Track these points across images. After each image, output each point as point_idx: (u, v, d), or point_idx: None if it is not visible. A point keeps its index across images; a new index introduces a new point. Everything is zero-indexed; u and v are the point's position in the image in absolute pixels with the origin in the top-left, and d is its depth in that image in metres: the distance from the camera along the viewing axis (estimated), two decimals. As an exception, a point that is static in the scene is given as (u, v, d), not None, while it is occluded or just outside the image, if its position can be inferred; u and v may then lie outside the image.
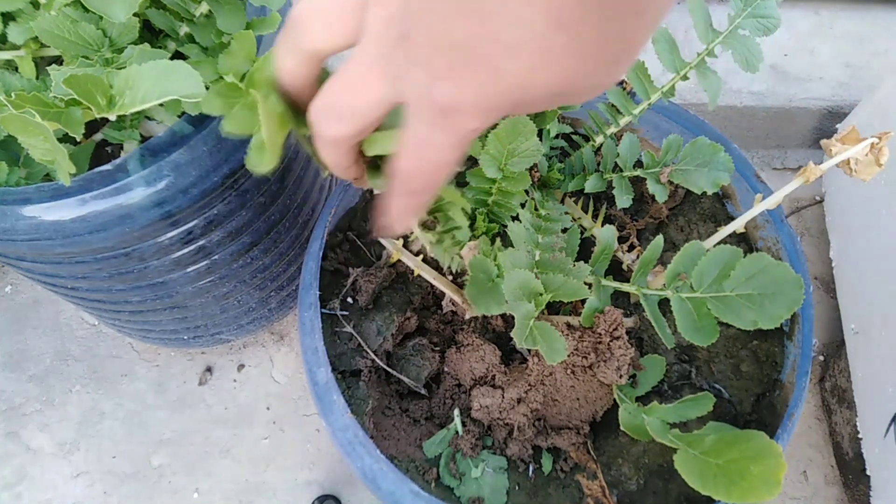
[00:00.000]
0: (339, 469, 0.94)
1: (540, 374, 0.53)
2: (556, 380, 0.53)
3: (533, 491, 0.54)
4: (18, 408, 0.99)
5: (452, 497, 0.53)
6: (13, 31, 0.53)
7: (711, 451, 0.41)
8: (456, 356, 0.57)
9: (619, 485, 0.54)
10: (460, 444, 0.55)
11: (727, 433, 0.42)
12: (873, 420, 0.82)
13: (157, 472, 0.95)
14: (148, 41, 0.58)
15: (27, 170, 0.57)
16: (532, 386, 0.54)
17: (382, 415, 0.56)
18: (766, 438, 0.39)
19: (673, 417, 0.48)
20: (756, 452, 0.38)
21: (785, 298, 0.41)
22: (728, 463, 0.39)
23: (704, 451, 0.41)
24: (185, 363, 1.02)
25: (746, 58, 0.53)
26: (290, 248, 0.83)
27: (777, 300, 0.42)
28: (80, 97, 0.41)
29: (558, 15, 0.21)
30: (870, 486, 0.84)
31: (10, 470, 0.95)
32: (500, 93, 0.24)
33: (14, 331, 1.05)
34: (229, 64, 0.54)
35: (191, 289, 0.75)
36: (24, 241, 0.57)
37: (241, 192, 0.65)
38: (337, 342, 0.59)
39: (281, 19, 0.57)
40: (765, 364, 0.58)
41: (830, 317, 1.05)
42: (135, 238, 0.60)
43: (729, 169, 0.54)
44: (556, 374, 0.53)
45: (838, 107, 1.10)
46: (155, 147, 0.56)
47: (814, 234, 1.13)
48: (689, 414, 0.47)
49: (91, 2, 0.49)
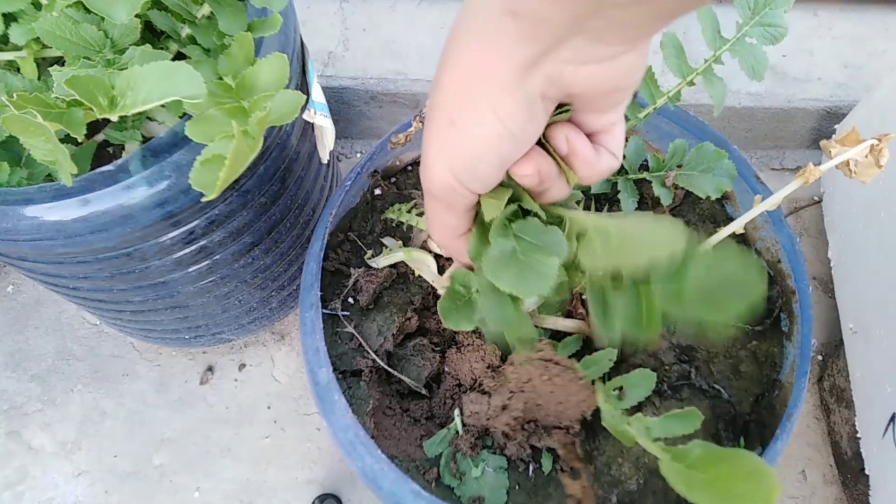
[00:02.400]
0: (340, 468, 0.95)
1: (518, 382, 0.53)
2: (534, 386, 0.53)
3: (533, 490, 0.54)
4: (20, 407, 1.00)
5: (453, 497, 0.54)
6: (15, 32, 0.53)
7: (698, 465, 0.38)
8: (456, 356, 0.57)
9: (618, 484, 0.54)
10: (460, 443, 0.55)
11: (714, 450, 0.39)
12: (872, 419, 0.83)
13: (158, 472, 0.95)
14: (149, 42, 0.58)
15: (29, 170, 0.57)
16: (513, 393, 0.54)
17: (383, 414, 0.57)
18: (757, 459, 0.37)
19: (659, 432, 0.45)
20: (747, 473, 0.36)
21: (743, 291, 0.38)
22: (715, 479, 0.37)
23: (690, 465, 0.38)
24: (186, 363, 1.02)
25: (753, 66, 0.53)
26: (292, 249, 0.83)
27: (735, 293, 0.39)
28: (82, 98, 0.41)
29: (450, 118, 0.30)
30: (868, 486, 0.84)
31: (11, 469, 0.95)
32: (454, 173, 0.31)
33: (15, 330, 1.05)
34: (229, 65, 0.55)
35: (192, 289, 0.75)
36: (26, 242, 0.57)
37: (242, 192, 0.65)
38: (338, 342, 0.59)
39: (282, 20, 0.57)
40: (764, 364, 0.58)
41: (829, 317, 1.05)
42: (136, 238, 0.60)
43: (731, 175, 0.54)
44: (534, 380, 0.53)
45: (837, 107, 1.11)
46: (156, 147, 0.56)
47: (812, 234, 1.13)
48: (675, 430, 0.45)
49: (93, 3, 0.49)
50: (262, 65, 0.49)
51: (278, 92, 0.47)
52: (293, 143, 0.71)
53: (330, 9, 1.15)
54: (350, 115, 1.15)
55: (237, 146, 0.31)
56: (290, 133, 0.70)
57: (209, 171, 0.36)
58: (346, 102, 1.12)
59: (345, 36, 1.13)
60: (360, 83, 1.08)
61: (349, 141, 1.22)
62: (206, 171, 0.36)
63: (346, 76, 1.09)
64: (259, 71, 0.49)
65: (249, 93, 0.49)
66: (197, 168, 0.36)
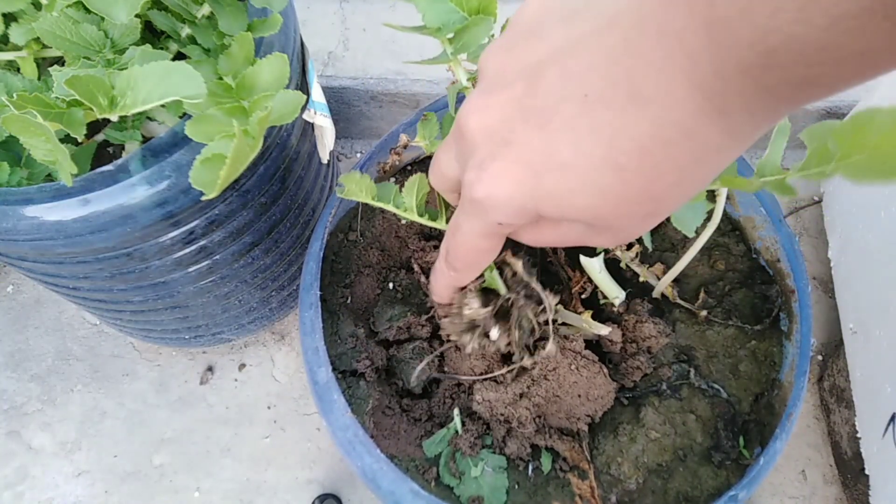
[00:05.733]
0: (340, 468, 0.95)
1: (543, 369, 0.54)
2: (559, 375, 0.54)
3: (532, 490, 0.54)
4: (20, 407, 1.00)
5: (452, 496, 0.54)
6: (15, 32, 0.53)
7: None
8: (456, 355, 0.57)
9: (618, 484, 0.54)
10: (460, 443, 0.55)
11: None
12: (872, 419, 0.83)
13: (158, 472, 0.95)
14: (149, 42, 0.58)
15: (29, 170, 0.57)
16: (535, 381, 0.54)
17: (382, 414, 0.57)
18: None
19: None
20: None
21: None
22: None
23: None
24: (186, 363, 1.02)
25: None
26: (292, 249, 0.83)
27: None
28: (82, 98, 0.41)
29: (617, 158, 0.22)
30: (868, 486, 0.84)
31: (11, 469, 0.96)
32: (532, 198, 0.25)
33: (16, 330, 1.05)
34: (229, 65, 0.55)
35: (192, 289, 0.75)
36: (26, 242, 0.57)
37: (242, 192, 0.65)
38: (337, 342, 0.59)
39: (282, 20, 0.57)
40: (763, 364, 0.58)
41: (829, 317, 1.05)
42: (136, 238, 0.60)
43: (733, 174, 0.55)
44: (560, 369, 0.53)
45: (836, 107, 1.11)
46: (156, 147, 0.56)
47: (812, 234, 1.14)
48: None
49: (93, 3, 0.49)
50: (262, 65, 0.49)
51: (278, 92, 0.47)
52: (293, 143, 0.72)
53: (330, 9, 1.15)
54: (350, 115, 1.15)
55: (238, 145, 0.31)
56: (290, 133, 0.70)
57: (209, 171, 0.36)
58: (346, 102, 1.12)
59: (345, 36, 1.13)
60: (360, 83, 1.08)
61: (349, 141, 1.22)
62: (206, 171, 0.36)
63: (346, 76, 1.09)
64: (259, 71, 0.49)
65: (249, 93, 0.49)
66: (197, 167, 0.36)
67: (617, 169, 0.22)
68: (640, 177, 0.22)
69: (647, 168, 0.22)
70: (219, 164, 0.34)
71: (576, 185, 0.23)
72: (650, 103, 0.21)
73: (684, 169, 0.22)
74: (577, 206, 0.24)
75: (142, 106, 0.42)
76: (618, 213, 0.24)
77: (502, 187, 0.25)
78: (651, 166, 0.22)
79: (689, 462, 0.54)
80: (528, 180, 0.24)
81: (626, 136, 0.22)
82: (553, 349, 0.47)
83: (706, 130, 0.21)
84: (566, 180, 0.23)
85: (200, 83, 0.41)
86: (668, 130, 0.21)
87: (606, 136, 0.22)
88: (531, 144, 0.24)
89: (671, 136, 0.21)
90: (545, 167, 0.24)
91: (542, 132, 0.23)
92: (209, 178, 0.34)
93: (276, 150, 0.68)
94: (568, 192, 0.24)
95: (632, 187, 0.23)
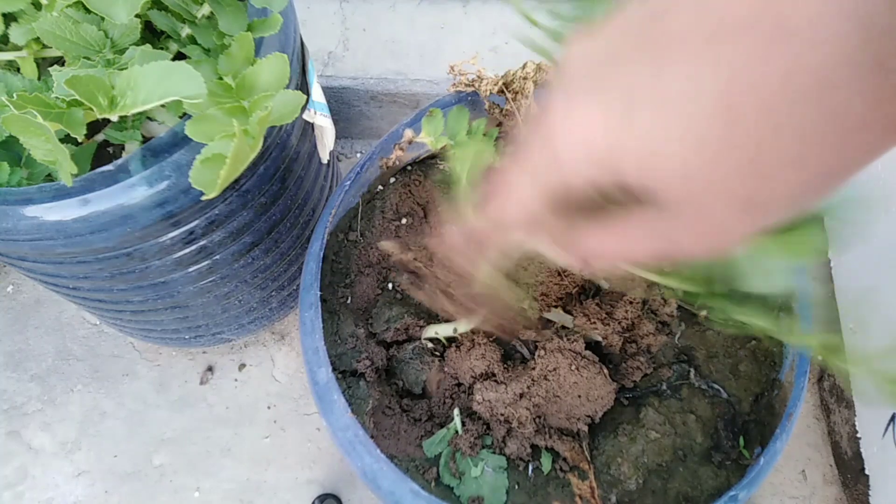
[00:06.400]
0: (340, 468, 0.95)
1: (544, 370, 0.54)
2: (559, 375, 0.54)
3: (532, 490, 0.54)
4: (20, 407, 1.00)
5: (452, 496, 0.54)
6: (15, 32, 0.53)
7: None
8: (456, 355, 0.57)
9: (618, 484, 0.54)
10: (460, 443, 0.55)
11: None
12: (872, 419, 0.83)
13: (158, 472, 0.95)
14: (149, 42, 0.58)
15: (29, 170, 0.57)
16: (535, 381, 0.54)
17: (382, 414, 0.57)
18: None
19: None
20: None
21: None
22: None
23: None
24: (186, 363, 1.02)
25: None
26: (292, 249, 0.83)
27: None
28: (82, 98, 0.41)
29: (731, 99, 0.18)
30: (868, 486, 0.84)
31: (11, 469, 0.96)
32: (616, 146, 0.20)
33: (15, 330, 1.05)
34: (229, 65, 0.55)
35: (192, 289, 0.75)
36: (26, 242, 0.57)
37: (242, 192, 0.65)
38: (337, 342, 0.59)
39: (282, 20, 0.57)
40: (763, 364, 0.58)
41: (829, 317, 1.05)
42: (136, 238, 0.60)
43: None
44: (560, 369, 0.53)
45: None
46: (156, 147, 0.56)
47: (813, 234, 1.14)
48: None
49: (93, 3, 0.49)
50: (262, 65, 0.49)
51: (278, 92, 0.47)
52: (293, 143, 0.71)
53: (330, 9, 1.15)
54: (350, 115, 1.15)
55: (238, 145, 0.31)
56: (290, 133, 0.70)
57: (209, 170, 0.36)
58: (346, 102, 1.12)
59: (345, 36, 1.13)
60: (360, 83, 1.08)
61: (349, 141, 1.22)
62: (206, 170, 0.36)
63: (346, 76, 1.09)
64: (259, 71, 0.49)
65: (249, 93, 0.49)
66: (197, 167, 0.36)
67: (727, 110, 0.17)
68: (749, 134, 0.18)
69: (763, 124, 0.17)
70: (219, 164, 0.34)
71: (671, 127, 0.18)
72: (793, 37, 0.16)
73: (808, 140, 0.17)
74: (665, 154, 0.19)
75: (142, 106, 0.42)
76: (710, 181, 0.19)
77: (586, 126, 0.20)
78: (768, 123, 0.17)
79: (690, 462, 0.54)
80: (616, 122, 0.20)
81: (751, 74, 0.17)
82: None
83: (852, 88, 0.16)
84: (662, 118, 0.19)
85: (200, 83, 0.41)
86: (803, 77, 0.16)
87: (727, 72, 0.17)
88: (636, 76, 0.19)
89: (804, 86, 0.17)
90: (644, 101, 0.19)
91: (654, 63, 0.19)
92: (209, 177, 0.34)
93: (276, 150, 0.68)
94: (658, 137, 0.19)
95: (735, 146, 0.18)
